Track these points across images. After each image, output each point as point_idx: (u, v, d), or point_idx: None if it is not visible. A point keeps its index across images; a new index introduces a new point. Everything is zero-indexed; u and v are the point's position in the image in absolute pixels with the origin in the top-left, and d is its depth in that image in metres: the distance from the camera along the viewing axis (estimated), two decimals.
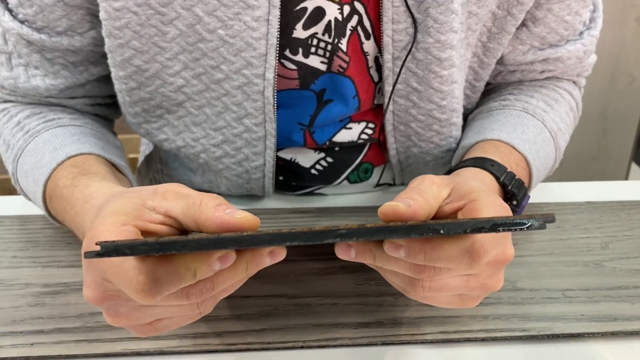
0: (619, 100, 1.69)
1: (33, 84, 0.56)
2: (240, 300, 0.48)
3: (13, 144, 0.55)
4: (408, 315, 0.47)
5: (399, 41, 0.54)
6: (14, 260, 0.52)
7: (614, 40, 1.61)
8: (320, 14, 0.53)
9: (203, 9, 0.50)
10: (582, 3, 0.59)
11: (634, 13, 1.58)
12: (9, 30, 0.54)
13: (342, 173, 0.64)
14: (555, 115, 0.60)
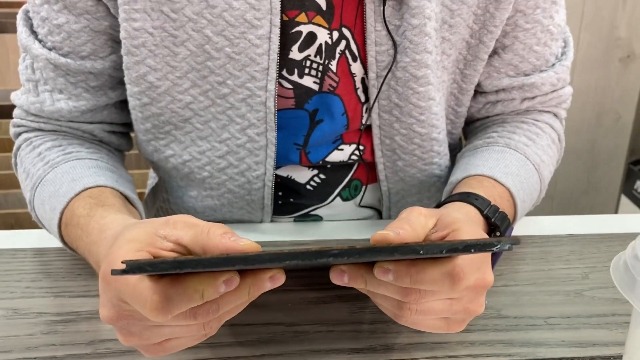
0: (606, 136, 1.74)
1: (57, 106, 0.61)
2: (241, 327, 0.51)
3: (32, 173, 0.59)
4: (399, 341, 0.50)
5: (381, 61, 0.60)
6: (27, 291, 0.55)
7: (599, 79, 1.67)
8: (313, 38, 0.59)
9: (212, 29, 0.56)
10: (549, 36, 0.65)
11: (618, 54, 1.65)
12: (38, 56, 0.59)
13: (334, 189, 0.69)
14: (537, 149, 0.64)
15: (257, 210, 0.66)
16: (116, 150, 0.69)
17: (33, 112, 0.62)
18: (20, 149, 0.63)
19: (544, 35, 0.64)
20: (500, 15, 0.61)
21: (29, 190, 0.59)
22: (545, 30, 0.64)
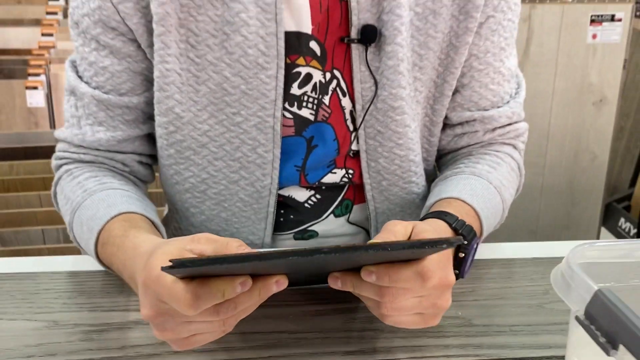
0: (583, 175, 1.85)
1: (97, 137, 0.72)
2: (252, 335, 0.60)
3: (72, 199, 0.69)
4: (385, 345, 0.59)
5: (365, 95, 0.72)
6: (65, 306, 0.64)
7: (575, 122, 1.80)
8: (309, 78, 0.71)
9: (230, 71, 0.69)
10: (501, 77, 0.76)
11: (591, 98, 1.78)
12: (84, 94, 0.71)
13: (329, 207, 0.80)
14: (498, 174, 0.75)
15: (261, 220, 0.77)
16: (141, 182, 0.79)
17: (76, 143, 0.73)
18: (61, 179, 0.74)
19: (497, 76, 0.76)
20: (459, 58, 0.72)
21: (69, 214, 0.69)
22: (497, 72, 0.75)
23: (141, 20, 0.68)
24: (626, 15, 1.69)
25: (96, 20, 0.69)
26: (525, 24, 1.66)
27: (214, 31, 0.68)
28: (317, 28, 0.69)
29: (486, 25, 0.72)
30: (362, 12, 0.68)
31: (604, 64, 1.74)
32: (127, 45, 0.70)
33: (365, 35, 0.69)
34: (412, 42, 0.71)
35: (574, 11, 1.68)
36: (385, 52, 0.69)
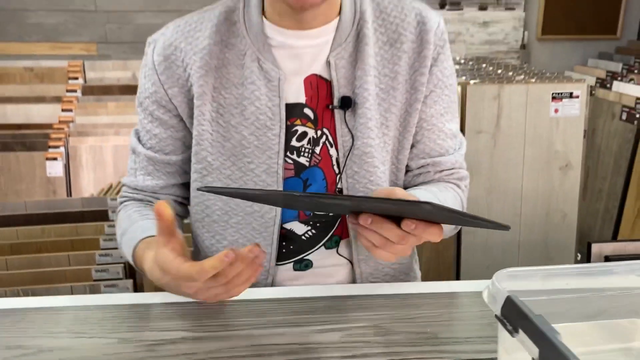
0: (556, 231, 2.07)
1: (145, 183, 1.00)
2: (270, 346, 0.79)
3: (122, 227, 0.97)
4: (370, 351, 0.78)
5: (346, 146, 0.96)
6: (129, 327, 0.84)
7: (544, 185, 2.03)
8: (305, 134, 0.96)
9: (247, 131, 0.94)
10: (445, 135, 1.01)
11: (558, 164, 2.01)
12: (140, 153, 1.00)
13: (321, 240, 1.01)
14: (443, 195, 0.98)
15: (268, 246, 0.98)
16: (177, 216, 1.03)
17: (132, 187, 1.01)
18: (120, 211, 1.01)
19: (441, 134, 1.01)
20: (412, 121, 0.98)
21: (119, 235, 0.96)
22: (441, 131, 1.01)
23: (184, 99, 0.96)
24: (582, 92, 1.95)
25: (153, 101, 0.97)
26: (496, 101, 1.92)
27: (235, 104, 0.94)
28: (310, 99, 0.96)
29: (430, 97, 0.99)
30: (341, 88, 0.95)
31: (567, 134, 1.99)
32: (172, 119, 0.98)
33: (343, 103, 0.95)
34: (379, 108, 0.96)
35: (538, 90, 1.94)
36: (358, 115, 0.95)
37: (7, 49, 3.63)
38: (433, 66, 0.97)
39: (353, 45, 0.94)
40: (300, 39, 0.93)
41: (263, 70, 0.93)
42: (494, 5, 3.97)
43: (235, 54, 0.94)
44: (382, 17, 0.96)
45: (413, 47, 0.96)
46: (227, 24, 0.94)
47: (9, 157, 3.21)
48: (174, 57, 0.94)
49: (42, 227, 1.98)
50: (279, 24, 0.93)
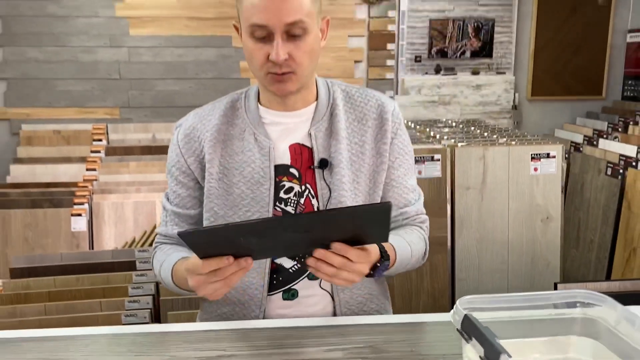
0: (541, 277, 2.27)
1: (173, 231, 1.25)
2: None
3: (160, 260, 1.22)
4: None
5: (324, 197, 1.21)
6: (180, 348, 1.06)
7: (528, 235, 2.25)
8: (292, 189, 1.22)
9: (244, 187, 1.20)
10: (407, 190, 1.28)
11: (539, 216, 2.24)
12: (168, 208, 1.26)
13: (304, 272, 1.23)
14: (409, 236, 1.22)
15: (262, 279, 1.21)
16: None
17: (163, 234, 1.27)
18: (156, 252, 1.26)
19: (405, 189, 1.27)
20: (380, 178, 1.24)
21: (158, 268, 1.21)
22: (405, 187, 1.27)
23: (198, 165, 1.24)
24: (558, 153, 2.20)
25: (177, 168, 1.26)
26: (481, 161, 2.16)
27: (236, 167, 1.21)
28: (295, 161, 1.23)
29: (395, 163, 1.26)
30: (319, 153, 1.22)
31: (546, 189, 2.22)
32: (190, 182, 1.25)
33: (322, 164, 1.22)
34: (351, 168, 1.22)
35: (518, 151, 2.19)
36: (333, 173, 1.21)
37: (38, 114, 3.94)
38: (394, 139, 1.25)
39: (328, 121, 1.23)
40: (287, 117, 1.22)
41: (257, 141, 1.21)
42: (486, 69, 4.29)
43: (237, 130, 1.23)
44: (351, 102, 1.26)
45: (375, 124, 1.24)
46: (232, 110, 1.25)
47: (37, 214, 3.45)
48: (193, 135, 1.24)
49: (76, 277, 2.20)
50: (270, 107, 1.23)
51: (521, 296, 0.94)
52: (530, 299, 0.94)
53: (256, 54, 1.11)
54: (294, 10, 1.07)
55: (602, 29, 4.35)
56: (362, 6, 4.09)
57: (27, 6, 3.77)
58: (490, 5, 4.22)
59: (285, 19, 1.07)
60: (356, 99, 1.26)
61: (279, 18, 1.07)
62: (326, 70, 3.99)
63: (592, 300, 0.93)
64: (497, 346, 0.74)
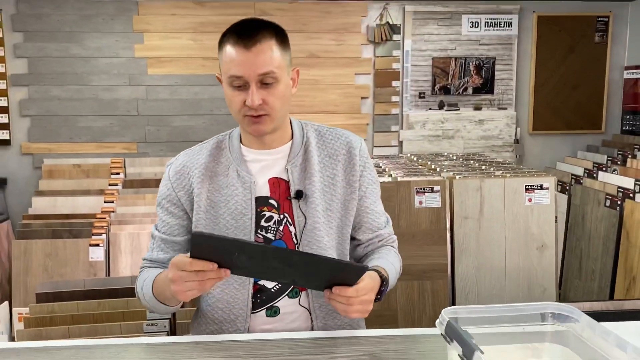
0: None
1: (159, 257, 1.39)
2: None
3: (141, 282, 1.35)
4: None
5: (300, 224, 1.36)
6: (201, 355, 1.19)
7: (524, 263, 2.37)
8: (271, 218, 1.37)
9: (228, 217, 1.36)
10: (377, 215, 1.44)
11: (534, 245, 2.36)
12: (156, 236, 1.40)
13: (284, 291, 1.37)
14: (390, 257, 1.37)
15: (246, 299, 1.35)
16: None
17: (149, 259, 1.40)
18: (140, 274, 1.39)
19: (377, 215, 1.43)
20: (351, 206, 1.39)
21: (140, 284, 1.35)
22: (375, 213, 1.42)
23: (188, 198, 1.38)
24: (551, 185, 2.33)
25: (168, 200, 1.41)
26: (478, 192, 2.30)
27: (222, 199, 1.36)
28: (274, 193, 1.38)
29: (366, 193, 1.42)
30: (295, 185, 1.37)
31: (540, 219, 2.35)
32: (178, 212, 1.39)
33: (297, 195, 1.37)
34: (324, 198, 1.37)
35: (513, 183, 2.33)
36: (308, 203, 1.36)
37: (59, 149, 4.14)
38: (363, 172, 1.41)
39: (302, 157, 1.40)
40: (265, 155, 1.39)
41: (240, 176, 1.37)
42: (488, 105, 4.46)
43: (222, 167, 1.40)
44: (323, 140, 1.43)
45: (345, 158, 1.40)
46: (217, 149, 1.42)
47: (57, 244, 3.61)
48: (183, 171, 1.41)
49: (98, 301, 2.33)
50: (250, 146, 1.40)
51: (499, 307, 1.08)
52: (506, 310, 1.07)
53: (235, 100, 1.30)
54: (265, 64, 1.26)
55: (599, 66, 4.52)
56: (368, 46, 4.30)
57: (53, 48, 4.01)
58: (491, 45, 4.41)
59: (258, 70, 1.26)
60: (327, 138, 1.43)
61: (253, 70, 1.26)
62: (334, 106, 4.18)
63: (562, 311, 1.06)
64: (472, 345, 0.88)
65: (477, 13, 4.32)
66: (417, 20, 4.24)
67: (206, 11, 4.10)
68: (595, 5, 4.45)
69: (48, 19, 3.99)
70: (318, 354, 1.19)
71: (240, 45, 1.26)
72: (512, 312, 1.07)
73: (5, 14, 3.96)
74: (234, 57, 1.26)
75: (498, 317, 1.06)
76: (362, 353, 1.19)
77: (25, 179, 4.15)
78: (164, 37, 4.08)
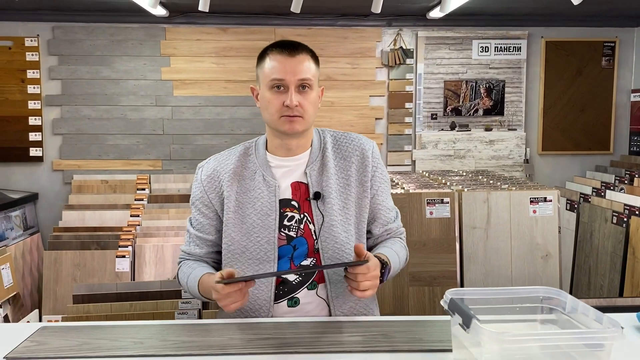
0: None
1: (195, 251, 1.55)
2: None
3: (186, 273, 1.51)
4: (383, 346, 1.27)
5: (318, 222, 1.51)
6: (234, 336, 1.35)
7: (529, 271, 2.50)
8: (293, 217, 1.52)
9: (255, 217, 1.53)
10: (388, 210, 1.59)
11: (539, 254, 2.50)
12: (191, 232, 1.56)
13: (305, 284, 1.52)
14: (395, 247, 1.52)
15: (269, 291, 1.49)
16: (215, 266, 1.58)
17: (186, 252, 1.57)
18: (180, 268, 1.55)
19: (387, 210, 1.58)
20: (365, 205, 1.55)
21: (185, 279, 1.50)
22: (386, 209, 1.58)
23: (218, 200, 1.55)
24: (554, 197, 2.48)
25: (200, 201, 1.58)
26: (485, 204, 2.45)
27: (249, 201, 1.52)
28: (295, 195, 1.54)
29: (378, 192, 1.57)
30: (313, 187, 1.53)
31: (545, 230, 2.49)
32: (210, 213, 1.57)
33: (315, 196, 1.53)
34: (340, 197, 1.53)
35: (518, 195, 2.48)
36: (325, 203, 1.52)
37: (88, 165, 4.36)
38: (375, 172, 1.57)
39: (320, 162, 1.57)
40: (288, 161, 1.57)
41: (265, 180, 1.54)
42: (498, 126, 4.62)
43: (249, 172, 1.57)
44: (338, 145, 1.60)
45: (358, 160, 1.56)
46: (245, 155, 1.59)
47: (85, 255, 3.79)
48: (214, 175, 1.58)
49: (130, 303, 2.49)
50: (275, 153, 1.58)
51: (496, 290, 1.23)
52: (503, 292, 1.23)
53: (274, 102, 1.48)
54: (304, 71, 1.48)
55: (606, 89, 4.67)
56: (382, 69, 4.50)
57: (85, 70, 4.26)
58: (500, 68, 4.59)
59: (298, 75, 1.47)
60: (342, 142, 1.60)
61: (293, 75, 1.46)
62: (349, 126, 4.37)
63: (550, 294, 1.21)
64: (471, 314, 1.03)
65: (487, 38, 4.51)
66: (429, 45, 4.44)
67: (229, 37, 4.33)
68: (601, 31, 4.62)
69: (81, 44, 4.25)
70: (336, 333, 1.35)
71: (284, 53, 1.46)
72: (508, 294, 1.23)
73: (42, 39, 4.23)
74: (277, 63, 1.47)
75: (496, 298, 1.22)
76: (375, 333, 1.35)
77: (56, 193, 4.36)
78: (189, 60, 4.32)
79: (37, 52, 4.21)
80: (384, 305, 2.29)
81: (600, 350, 1.01)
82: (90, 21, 4.22)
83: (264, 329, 1.38)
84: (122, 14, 4.17)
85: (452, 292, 1.20)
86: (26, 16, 4.16)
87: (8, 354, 1.25)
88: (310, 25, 4.34)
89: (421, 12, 4.24)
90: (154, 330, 1.39)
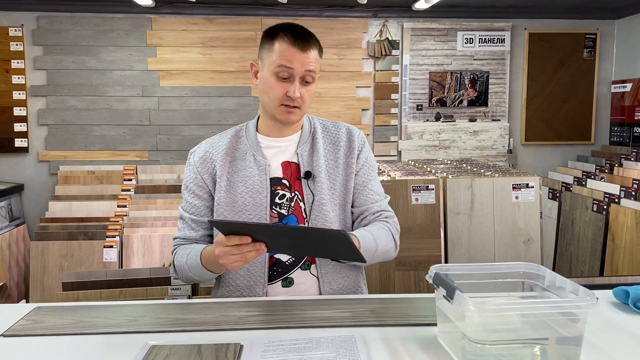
0: None
1: (190, 235, 1.57)
2: None
3: (183, 255, 1.52)
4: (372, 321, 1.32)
5: (309, 201, 1.54)
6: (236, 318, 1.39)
7: (512, 255, 2.56)
8: (284, 196, 1.55)
9: (246, 196, 1.54)
10: (373, 192, 1.62)
11: (521, 239, 2.56)
12: (184, 216, 1.58)
13: (297, 264, 1.56)
14: (375, 230, 1.54)
15: (263, 271, 1.53)
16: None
17: (181, 237, 1.58)
18: (176, 250, 1.56)
19: (370, 192, 1.61)
20: (350, 186, 1.58)
21: (184, 259, 1.51)
22: (370, 190, 1.61)
23: (211, 180, 1.57)
24: (536, 183, 2.54)
25: (194, 183, 1.59)
26: (469, 190, 2.51)
27: (240, 180, 1.54)
28: (286, 174, 1.57)
29: (360, 172, 1.61)
30: (304, 167, 1.56)
31: (526, 215, 2.55)
32: (204, 194, 1.57)
33: (306, 175, 1.56)
34: (328, 178, 1.57)
35: (501, 182, 2.54)
36: (315, 181, 1.56)
37: (75, 156, 4.35)
38: (360, 154, 1.61)
39: (310, 144, 1.61)
40: (279, 142, 1.60)
41: (256, 160, 1.58)
42: (482, 117, 4.69)
43: (240, 153, 1.60)
44: (327, 130, 1.64)
45: (345, 145, 1.61)
46: (236, 137, 1.62)
47: (72, 245, 3.79)
48: (206, 157, 1.60)
49: (119, 290, 2.51)
50: (266, 134, 1.60)
51: (479, 265, 1.28)
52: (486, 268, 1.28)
53: (277, 89, 1.51)
54: (311, 62, 1.51)
55: (588, 80, 4.76)
56: (368, 60, 4.54)
57: (70, 61, 4.25)
58: (485, 60, 4.66)
59: (305, 67, 1.49)
60: (331, 129, 1.66)
61: (301, 66, 1.49)
62: (336, 117, 4.41)
63: (530, 269, 1.26)
64: (454, 286, 1.08)
65: (472, 30, 4.57)
66: (414, 36, 4.49)
67: (215, 27, 4.34)
68: (583, 23, 4.71)
69: (66, 34, 4.23)
70: (327, 310, 1.39)
71: (297, 46, 1.48)
72: (491, 270, 1.28)
73: (27, 29, 4.21)
74: (288, 52, 1.49)
75: (479, 273, 1.27)
76: (364, 309, 1.39)
77: (42, 184, 4.35)
78: (175, 51, 4.32)
79: (22, 42, 4.19)
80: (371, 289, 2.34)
81: (576, 318, 1.07)
82: (76, 11, 4.21)
83: (256, 307, 1.42)
84: (108, 3, 4.16)
85: (437, 267, 1.24)
86: (10, 5, 4.14)
87: (5, 332, 1.28)
88: (296, 16, 4.37)
89: (407, 3, 4.29)
90: (148, 309, 1.42)
